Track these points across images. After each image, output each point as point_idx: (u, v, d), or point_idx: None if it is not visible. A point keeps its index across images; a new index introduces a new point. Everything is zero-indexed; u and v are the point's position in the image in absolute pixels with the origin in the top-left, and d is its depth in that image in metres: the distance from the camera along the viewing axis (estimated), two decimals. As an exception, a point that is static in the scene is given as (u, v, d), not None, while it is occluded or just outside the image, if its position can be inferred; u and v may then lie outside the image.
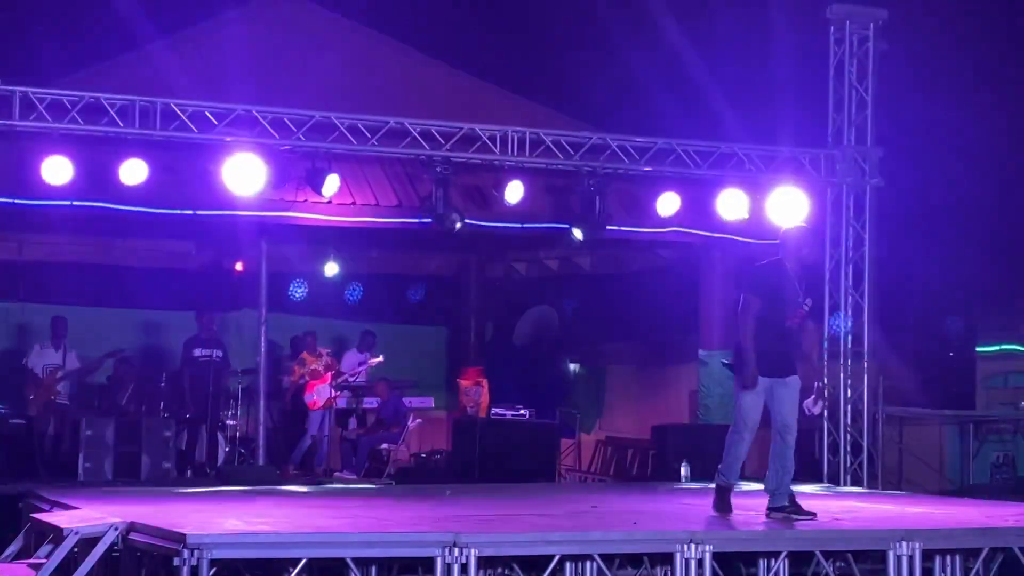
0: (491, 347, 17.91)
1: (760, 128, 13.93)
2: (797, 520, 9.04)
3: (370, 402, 15.73)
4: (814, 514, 9.16)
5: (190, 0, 14.46)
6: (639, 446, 15.95)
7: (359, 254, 16.91)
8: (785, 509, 9.14)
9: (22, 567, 8.89)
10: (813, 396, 9.73)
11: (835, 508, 10.16)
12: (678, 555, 8.08)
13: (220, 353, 14.52)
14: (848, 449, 13.48)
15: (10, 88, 11.14)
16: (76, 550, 8.26)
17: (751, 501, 9.89)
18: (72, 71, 12.82)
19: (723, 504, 9.33)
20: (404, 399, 15.61)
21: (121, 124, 11.53)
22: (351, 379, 15.61)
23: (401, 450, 14.96)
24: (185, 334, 14.95)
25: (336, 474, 14.55)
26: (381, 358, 15.51)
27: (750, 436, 9.17)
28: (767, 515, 9.21)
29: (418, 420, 15.39)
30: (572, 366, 18.08)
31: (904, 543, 8.41)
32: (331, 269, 16.65)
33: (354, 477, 14.30)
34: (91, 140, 11.59)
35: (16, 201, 11.83)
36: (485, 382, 16.46)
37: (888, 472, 14.02)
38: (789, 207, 13.28)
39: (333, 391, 15.11)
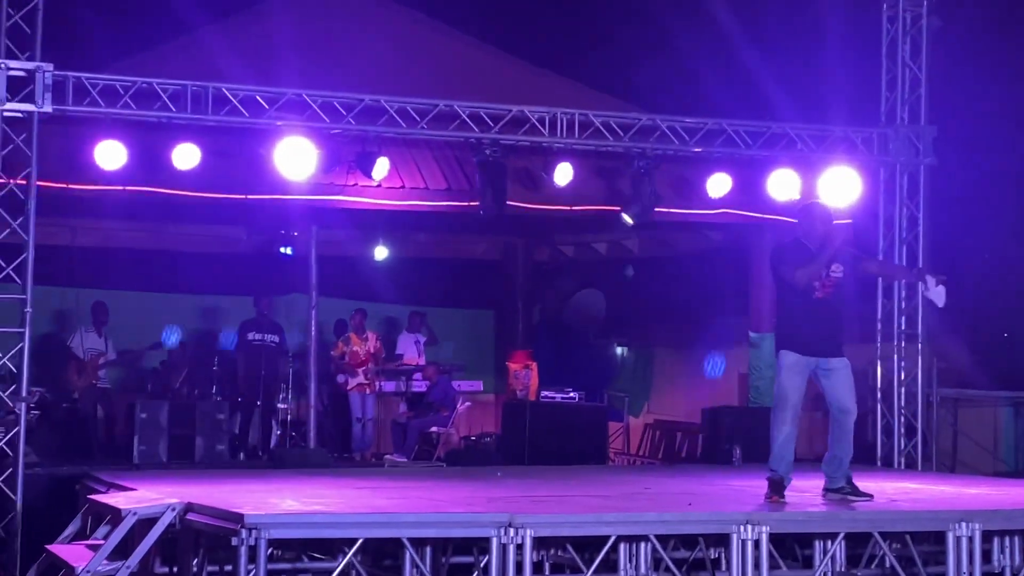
0: (539, 330, 17.89)
1: (812, 107, 13.81)
2: (855, 501, 8.94)
3: (419, 385, 15.78)
4: (871, 495, 9.05)
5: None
6: (688, 429, 15.90)
7: (407, 237, 16.94)
8: (843, 490, 9.02)
9: (81, 547, 9.00)
10: (931, 279, 9.22)
11: (891, 490, 10.07)
12: (734, 536, 8.02)
13: (275, 338, 14.60)
14: (902, 431, 13.36)
15: (63, 73, 11.20)
16: (134, 531, 8.33)
17: (806, 482, 9.83)
18: (124, 56, 12.89)
19: (773, 497, 9.13)
20: (453, 383, 15.65)
21: (173, 109, 11.58)
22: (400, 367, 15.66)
23: (451, 433, 15.00)
24: (235, 318, 15.04)
25: (387, 457, 14.60)
26: (468, 404, 15.52)
27: (792, 417, 8.87)
28: (823, 496, 9.10)
29: (467, 403, 15.43)
30: (620, 349, 18.04)
31: (963, 524, 8.30)
32: (381, 253, 16.69)
33: (405, 460, 14.35)
34: (144, 125, 11.65)
35: (70, 186, 11.92)
36: (534, 365, 16.43)
37: (942, 454, 13.89)
38: (841, 187, 13.16)
39: (367, 377, 15.14)
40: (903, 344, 13.47)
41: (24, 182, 11.02)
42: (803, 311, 8.82)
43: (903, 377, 13.45)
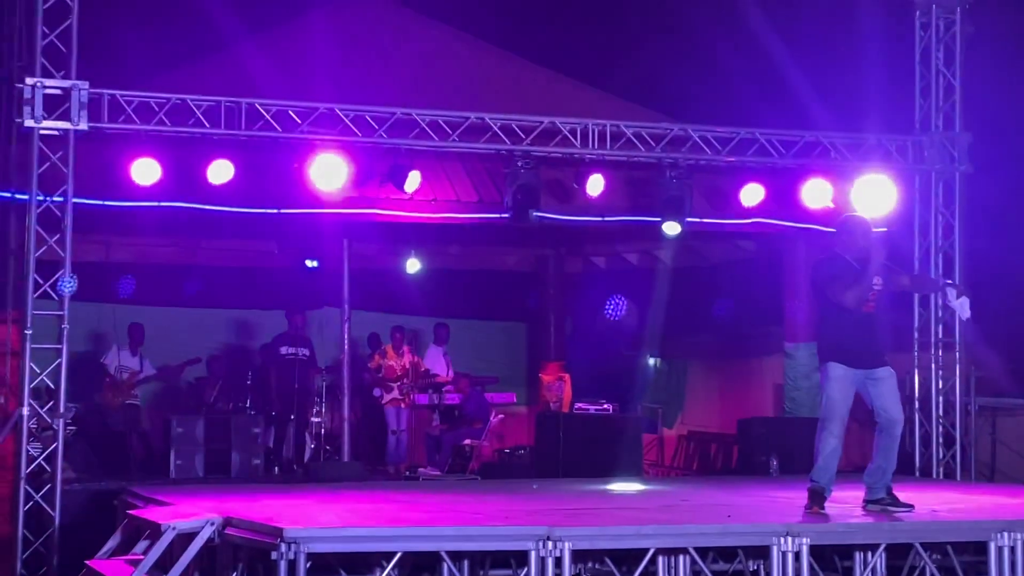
0: (571, 342, 17.86)
1: (845, 115, 13.72)
2: (895, 512, 8.87)
3: (452, 398, 15.77)
4: (912, 506, 8.99)
5: (275, 0, 14.57)
6: (722, 440, 15.82)
7: (439, 250, 16.96)
8: (882, 502, 8.97)
9: (120, 563, 9.03)
10: (952, 291, 9.30)
11: (931, 500, 9.99)
12: (774, 548, 7.97)
13: (307, 352, 14.67)
14: (940, 441, 13.26)
15: (98, 91, 11.29)
16: (173, 545, 8.36)
17: (844, 493, 9.76)
18: (162, 71, 12.99)
19: (813, 508, 9.06)
20: (486, 395, 15.63)
21: (207, 125, 11.64)
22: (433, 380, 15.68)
23: (484, 446, 14.98)
24: (268, 332, 15.09)
25: (420, 470, 14.59)
26: (501, 417, 15.52)
27: (839, 430, 8.85)
28: (863, 507, 9.04)
29: (500, 416, 15.41)
30: (653, 360, 17.98)
31: (1006, 534, 8.24)
32: (412, 266, 16.71)
33: (438, 473, 14.34)
34: (178, 141, 11.72)
35: (105, 203, 11.99)
36: (567, 377, 16.43)
37: (981, 464, 13.76)
38: (875, 195, 13.09)
39: (401, 392, 15.16)
40: (940, 353, 13.36)
41: (61, 199, 11.10)
42: (849, 324, 8.82)
43: (941, 386, 13.34)
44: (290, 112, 11.89)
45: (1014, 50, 14.46)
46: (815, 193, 13.10)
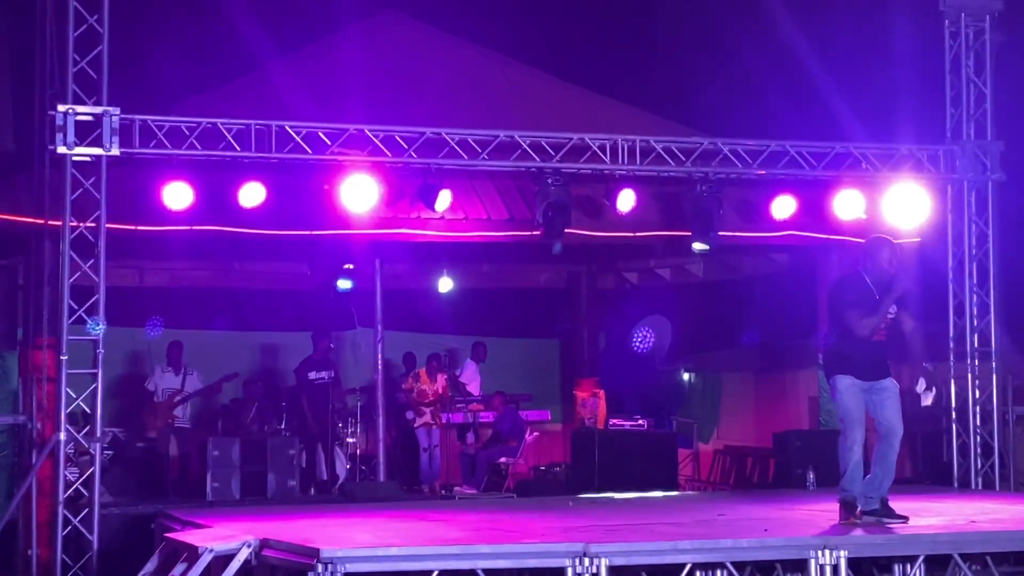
0: (604, 358, 17.83)
1: (876, 126, 13.67)
2: (890, 524, 8.91)
3: (486, 416, 15.78)
4: (907, 518, 9.03)
5: (306, 20, 14.66)
6: (758, 454, 15.73)
7: (471, 269, 17.00)
8: (876, 512, 9.05)
9: (158, 585, 9.05)
10: (922, 383, 9.53)
11: (970, 510, 9.91)
12: (812, 561, 7.97)
13: (331, 374, 14.68)
14: (978, 451, 13.13)
15: (130, 117, 11.36)
16: (211, 567, 8.38)
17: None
18: (194, 93, 13.08)
19: (848, 519, 9.09)
20: (520, 412, 15.62)
21: (238, 148, 11.70)
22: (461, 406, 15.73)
23: (519, 463, 14.97)
24: (301, 355, 15.15)
25: (456, 489, 14.59)
26: (536, 434, 15.53)
27: (860, 436, 9.00)
28: (859, 518, 9.06)
29: (535, 433, 15.40)
30: (687, 375, 17.93)
31: (1047, 544, 8.16)
32: (445, 285, 16.74)
33: (474, 491, 14.33)
34: (209, 164, 11.79)
35: (138, 228, 12.08)
36: (602, 393, 16.40)
37: (1020, 474, 13.61)
38: (908, 206, 13.02)
39: (432, 418, 15.16)
40: (976, 363, 13.26)
41: (94, 225, 11.19)
42: (859, 345, 9.02)
43: (978, 396, 13.23)
44: (320, 134, 11.94)
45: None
46: (847, 204, 13.03)
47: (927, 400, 9.64)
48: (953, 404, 13.30)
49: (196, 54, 15.54)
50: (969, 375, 13.22)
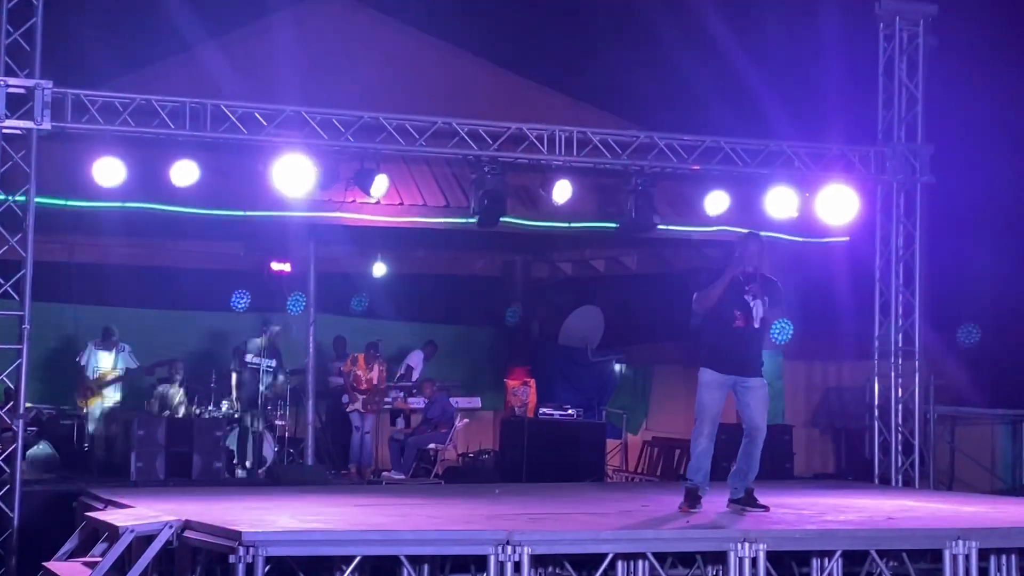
0: (537, 347, 17.88)
1: (809, 125, 13.82)
2: (751, 512, 9.25)
3: (416, 402, 15.77)
4: (767, 507, 9.37)
5: (239, 2, 14.50)
6: (686, 446, 15.77)
7: (406, 254, 16.95)
8: (741, 501, 9.44)
9: (77, 565, 9.00)
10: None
11: (888, 507, 10.08)
12: (732, 554, 8.06)
13: (272, 364, 14.51)
14: (899, 449, 13.36)
15: (62, 91, 11.24)
16: (131, 548, 8.33)
17: (800, 499, 9.88)
18: (123, 73, 12.92)
19: (690, 505, 9.39)
20: (451, 399, 15.63)
21: (172, 126, 11.61)
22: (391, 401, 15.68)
23: (449, 450, 14.99)
24: (232, 335, 15.02)
25: (384, 474, 14.59)
26: (466, 421, 15.51)
27: (708, 430, 9.34)
28: (727, 506, 9.47)
29: (465, 420, 15.42)
30: (618, 366, 18.03)
31: (960, 542, 8.35)
32: (379, 270, 16.69)
33: (403, 477, 14.34)
34: (142, 142, 11.69)
35: (68, 203, 11.94)
36: (533, 382, 16.47)
37: (939, 472, 13.87)
38: (838, 205, 13.20)
39: (364, 406, 15.06)
40: (900, 361, 13.47)
41: (23, 199, 11.04)
42: (720, 334, 9.30)
43: (900, 394, 13.45)
44: (256, 114, 11.87)
45: (975, 62, 14.58)
46: (779, 202, 13.19)
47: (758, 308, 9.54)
48: (876, 402, 13.52)
49: (128, 34, 15.34)
50: (892, 373, 13.44)
